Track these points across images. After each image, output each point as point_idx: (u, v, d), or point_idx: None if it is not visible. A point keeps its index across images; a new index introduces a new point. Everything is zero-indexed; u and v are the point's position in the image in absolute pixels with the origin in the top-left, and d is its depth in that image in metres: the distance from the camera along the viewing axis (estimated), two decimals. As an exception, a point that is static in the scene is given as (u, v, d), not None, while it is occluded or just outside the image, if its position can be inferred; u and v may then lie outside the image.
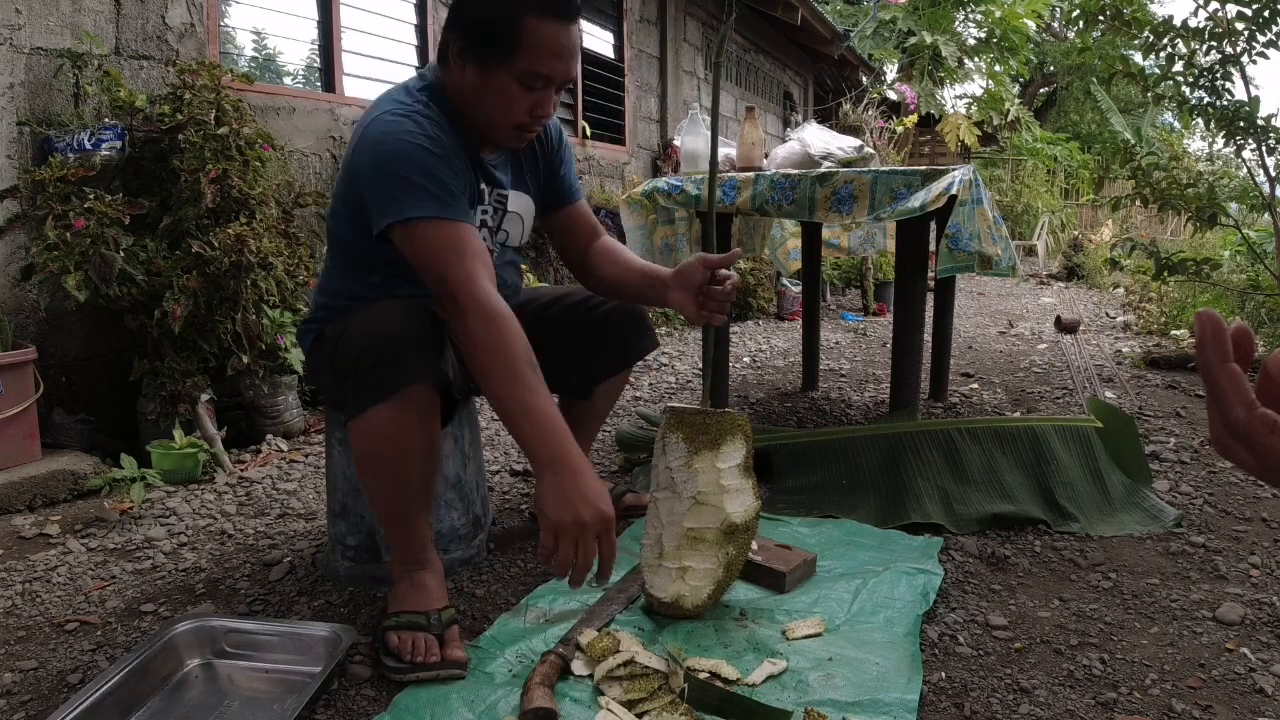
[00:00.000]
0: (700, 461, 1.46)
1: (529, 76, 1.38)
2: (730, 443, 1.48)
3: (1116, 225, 10.85)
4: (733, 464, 1.47)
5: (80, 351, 2.64)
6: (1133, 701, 1.28)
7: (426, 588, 1.44)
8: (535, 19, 1.34)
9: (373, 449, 1.39)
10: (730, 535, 1.47)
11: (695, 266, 1.51)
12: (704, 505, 1.46)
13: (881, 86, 10.18)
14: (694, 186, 2.60)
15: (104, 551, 1.91)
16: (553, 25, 1.36)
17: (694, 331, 5.17)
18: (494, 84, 1.39)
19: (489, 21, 1.36)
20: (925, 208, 2.16)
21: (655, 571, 1.51)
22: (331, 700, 1.30)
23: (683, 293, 1.53)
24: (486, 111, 1.43)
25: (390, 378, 1.34)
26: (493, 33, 1.36)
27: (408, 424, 1.37)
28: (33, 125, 2.49)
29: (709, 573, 1.48)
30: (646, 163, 6.39)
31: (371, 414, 1.36)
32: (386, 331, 1.35)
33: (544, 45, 1.36)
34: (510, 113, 1.42)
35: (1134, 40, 3.65)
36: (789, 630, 1.46)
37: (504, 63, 1.37)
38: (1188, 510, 2.05)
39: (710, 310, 1.51)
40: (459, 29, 1.39)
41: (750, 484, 1.50)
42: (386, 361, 1.34)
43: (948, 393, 3.24)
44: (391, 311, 1.38)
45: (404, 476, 1.41)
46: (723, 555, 1.48)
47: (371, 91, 3.91)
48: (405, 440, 1.38)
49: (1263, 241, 4.78)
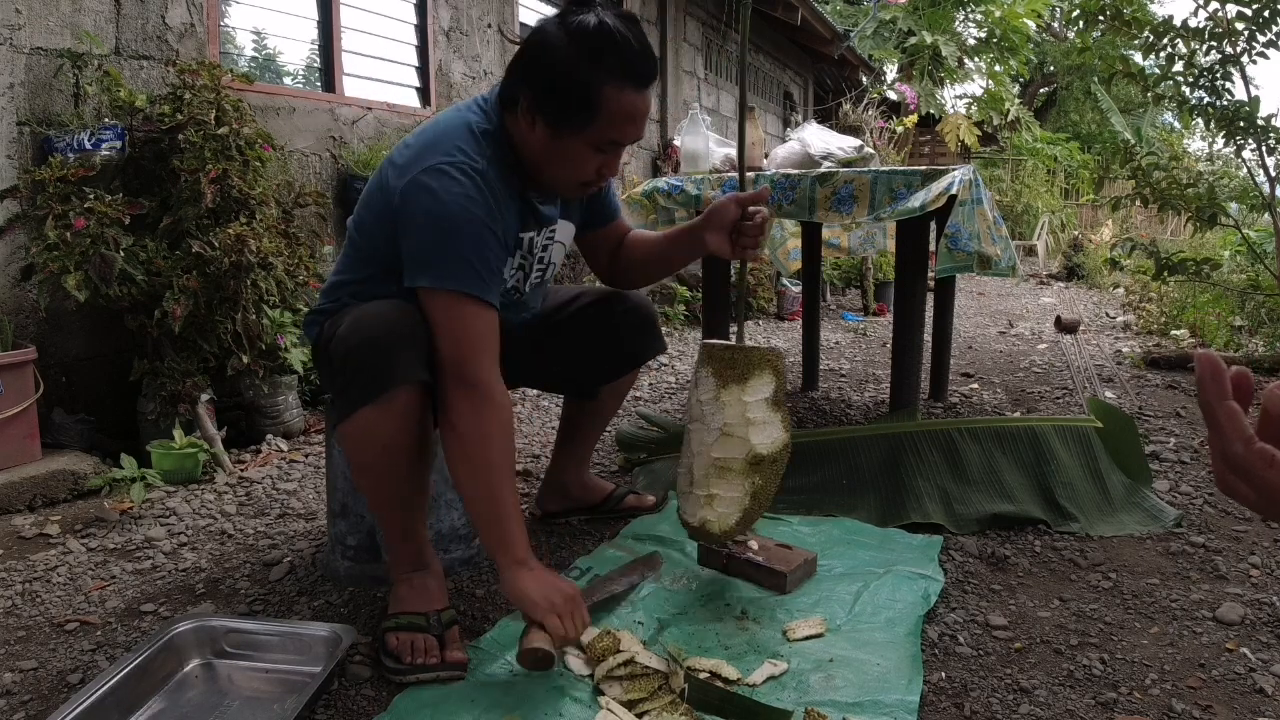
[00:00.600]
0: (727, 395, 1.53)
1: (604, 142, 1.39)
2: (758, 377, 1.53)
3: (1116, 225, 10.85)
4: (759, 397, 1.53)
5: (80, 351, 2.64)
6: (1133, 701, 1.28)
7: (426, 589, 1.44)
8: (615, 88, 1.33)
9: (362, 451, 1.40)
10: (756, 466, 1.52)
11: (727, 205, 1.56)
12: (730, 437, 1.52)
13: (881, 86, 10.18)
14: (694, 186, 2.60)
15: (104, 551, 1.91)
16: (631, 94, 1.35)
17: (694, 331, 5.17)
18: (566, 146, 1.38)
19: (567, 88, 1.33)
20: (925, 208, 2.16)
21: (686, 498, 1.58)
22: (331, 700, 1.30)
23: (718, 233, 1.57)
24: (553, 170, 1.43)
25: (375, 381, 1.34)
26: (569, 99, 1.34)
27: (396, 426, 1.36)
28: (33, 125, 2.49)
29: (735, 500, 1.53)
30: (646, 163, 6.39)
31: (360, 416, 1.36)
32: (375, 333, 1.35)
33: (620, 112, 1.36)
34: (579, 173, 1.43)
35: (1134, 40, 3.65)
36: (790, 630, 1.46)
37: (580, 130, 1.36)
38: (1188, 510, 2.05)
39: (744, 245, 1.57)
40: (532, 86, 1.36)
41: (779, 417, 1.54)
42: (374, 364, 1.34)
43: (948, 393, 3.23)
44: (381, 313, 1.37)
45: (395, 478, 1.41)
46: (749, 485, 1.53)
47: (371, 91, 3.91)
48: (395, 441, 1.37)
49: (1263, 241, 4.78)
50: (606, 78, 1.32)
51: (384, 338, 1.34)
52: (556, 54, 1.33)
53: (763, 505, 1.57)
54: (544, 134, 1.38)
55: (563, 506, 2.03)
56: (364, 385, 1.34)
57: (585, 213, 1.72)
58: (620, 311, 1.80)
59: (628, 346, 1.84)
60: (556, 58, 1.33)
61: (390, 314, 1.37)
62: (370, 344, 1.34)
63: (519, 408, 3.23)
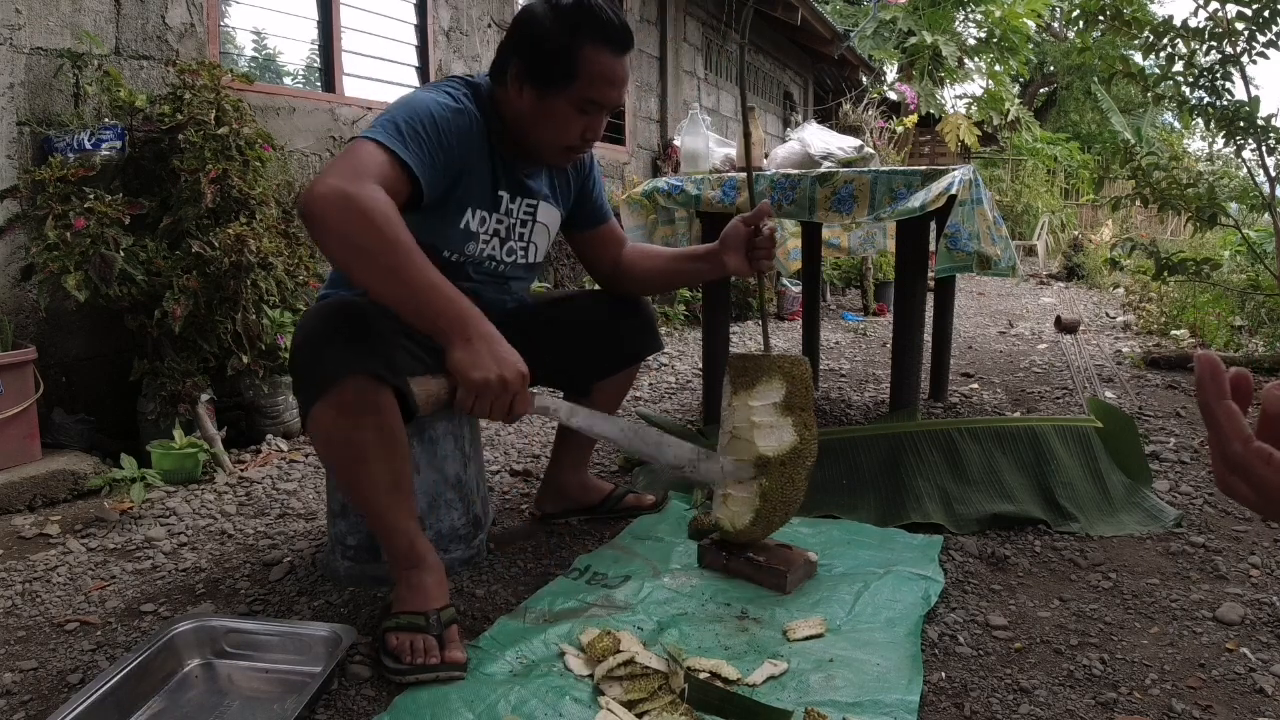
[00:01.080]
0: (737, 400, 1.63)
1: (584, 102, 1.49)
2: (766, 383, 1.61)
3: (1116, 225, 10.85)
4: (766, 402, 1.60)
5: (80, 351, 2.64)
6: (1133, 701, 1.28)
7: (426, 588, 1.44)
8: (593, 49, 1.47)
9: (323, 448, 1.41)
10: (762, 468, 1.59)
11: (738, 227, 1.69)
12: (738, 439, 1.61)
13: (881, 86, 10.18)
14: (694, 186, 2.60)
15: (104, 551, 1.91)
16: (608, 56, 1.48)
17: (694, 331, 5.17)
18: (550, 107, 1.49)
19: (550, 50, 1.47)
20: (925, 208, 2.16)
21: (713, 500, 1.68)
22: (331, 700, 1.30)
23: (735, 254, 1.70)
24: (540, 131, 1.52)
25: (321, 375, 1.34)
26: (553, 61, 1.47)
27: (349, 419, 1.35)
28: (33, 125, 2.49)
29: (746, 500, 1.61)
30: (646, 163, 6.40)
31: (315, 413, 1.36)
32: (314, 330, 1.36)
33: (600, 73, 1.48)
34: (563, 134, 1.52)
35: (1134, 40, 3.65)
36: (790, 630, 1.46)
37: (563, 88, 1.48)
38: (1188, 510, 2.05)
39: (759, 259, 1.70)
40: (520, 54, 1.49)
41: (791, 420, 1.60)
42: (316, 359, 1.34)
43: (948, 393, 3.24)
44: (322, 311, 1.38)
45: (361, 471, 1.39)
46: (757, 486, 1.59)
47: (371, 92, 3.91)
48: (352, 436, 1.36)
49: (1263, 241, 4.78)
50: (585, 40, 1.46)
51: (326, 331, 1.35)
52: (541, 24, 1.48)
53: (778, 507, 1.61)
54: (531, 97, 1.50)
55: (562, 507, 2.03)
56: (311, 381, 1.35)
57: (574, 209, 1.77)
58: (616, 307, 1.84)
59: (625, 344, 1.86)
60: (541, 28, 1.48)
61: (335, 307, 1.37)
62: (314, 338, 1.35)
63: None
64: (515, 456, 2.61)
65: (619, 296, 1.85)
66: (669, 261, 1.83)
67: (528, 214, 1.65)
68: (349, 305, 1.38)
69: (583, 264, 1.89)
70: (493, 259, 1.63)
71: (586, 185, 1.77)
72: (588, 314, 1.83)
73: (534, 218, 1.66)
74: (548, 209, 1.69)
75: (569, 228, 1.81)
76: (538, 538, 1.94)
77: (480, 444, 1.88)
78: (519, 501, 2.21)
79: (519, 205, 1.63)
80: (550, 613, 1.53)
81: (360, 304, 1.38)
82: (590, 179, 1.78)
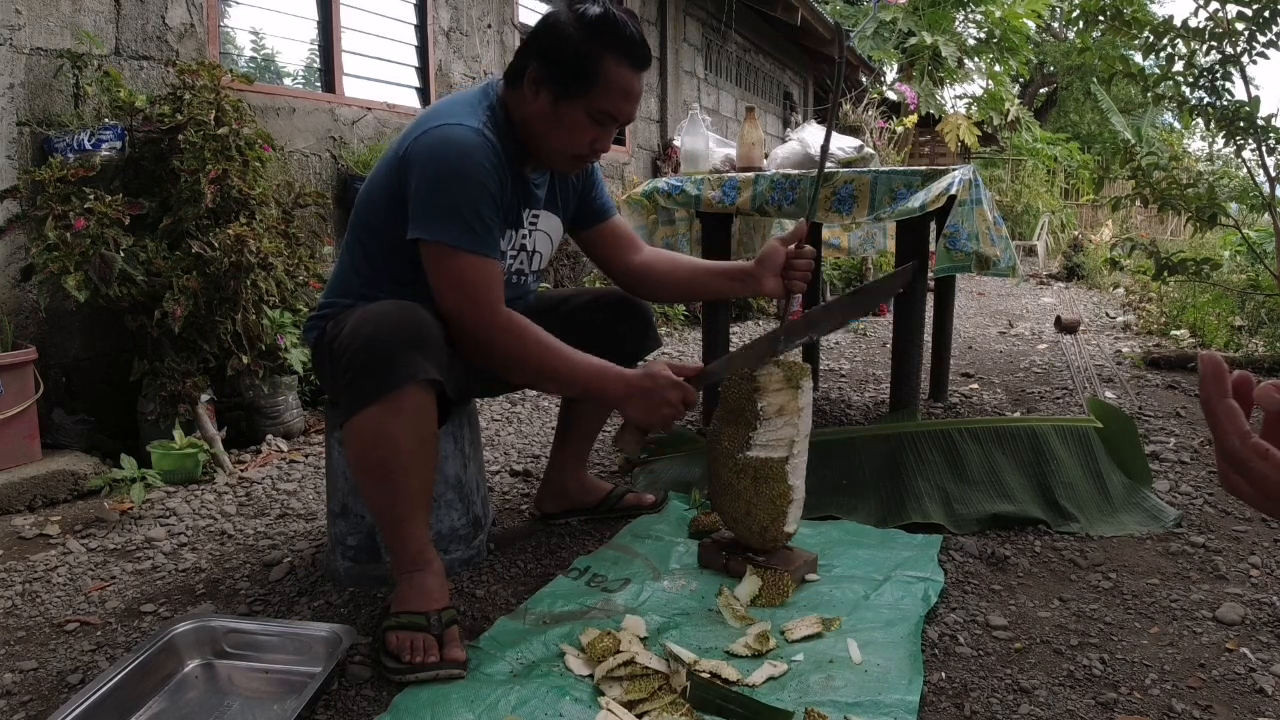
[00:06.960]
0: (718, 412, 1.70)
1: (598, 113, 1.50)
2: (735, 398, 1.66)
3: (1116, 225, 10.85)
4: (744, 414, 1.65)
5: (80, 352, 2.64)
6: (1133, 701, 1.28)
7: (427, 588, 1.44)
8: (614, 62, 1.47)
9: (365, 451, 1.40)
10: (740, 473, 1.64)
11: (777, 249, 1.68)
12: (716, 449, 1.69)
13: (881, 86, 10.18)
14: (694, 186, 2.60)
15: (104, 552, 1.91)
16: (627, 70, 1.49)
17: (694, 331, 5.17)
18: (564, 113, 1.49)
19: (571, 56, 1.46)
20: (925, 208, 2.16)
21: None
22: (331, 700, 1.30)
23: (774, 278, 1.69)
24: (550, 137, 1.52)
25: (382, 380, 1.35)
26: (573, 67, 1.47)
27: (400, 426, 1.37)
28: (33, 125, 2.49)
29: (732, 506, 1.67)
30: (646, 163, 6.40)
31: (363, 416, 1.37)
32: (379, 333, 1.36)
33: (617, 86, 1.49)
34: (573, 142, 1.52)
35: (1134, 40, 3.65)
36: (789, 630, 1.46)
37: (579, 96, 1.48)
38: (1188, 510, 2.05)
39: (794, 279, 1.68)
40: (540, 57, 1.49)
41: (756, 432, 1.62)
42: (378, 363, 1.35)
43: (948, 393, 3.23)
44: (385, 313, 1.39)
45: (398, 478, 1.41)
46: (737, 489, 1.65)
47: (371, 92, 3.91)
48: (398, 442, 1.38)
49: (1263, 241, 4.78)
50: (606, 52, 1.46)
51: (389, 337, 1.36)
52: (565, 31, 1.47)
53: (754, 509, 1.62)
54: (546, 101, 1.49)
55: (562, 507, 2.03)
56: (370, 384, 1.36)
57: (576, 209, 1.78)
58: (616, 307, 1.84)
59: (625, 344, 1.85)
60: (564, 34, 1.47)
61: (395, 313, 1.39)
62: (375, 343, 1.36)
63: (519, 408, 3.23)
64: (515, 456, 2.61)
65: (619, 296, 1.85)
66: (696, 273, 1.81)
67: (532, 223, 1.66)
68: (415, 313, 1.40)
69: (595, 265, 1.90)
70: (520, 273, 1.67)
71: (586, 186, 1.78)
72: (587, 314, 1.83)
73: (535, 226, 1.67)
74: (548, 217, 1.70)
75: (574, 228, 1.81)
76: (538, 538, 1.94)
77: (480, 444, 1.88)
78: (519, 501, 2.21)
79: (526, 215, 1.64)
80: (550, 615, 1.53)
81: (423, 314, 1.41)
82: (591, 180, 1.78)
